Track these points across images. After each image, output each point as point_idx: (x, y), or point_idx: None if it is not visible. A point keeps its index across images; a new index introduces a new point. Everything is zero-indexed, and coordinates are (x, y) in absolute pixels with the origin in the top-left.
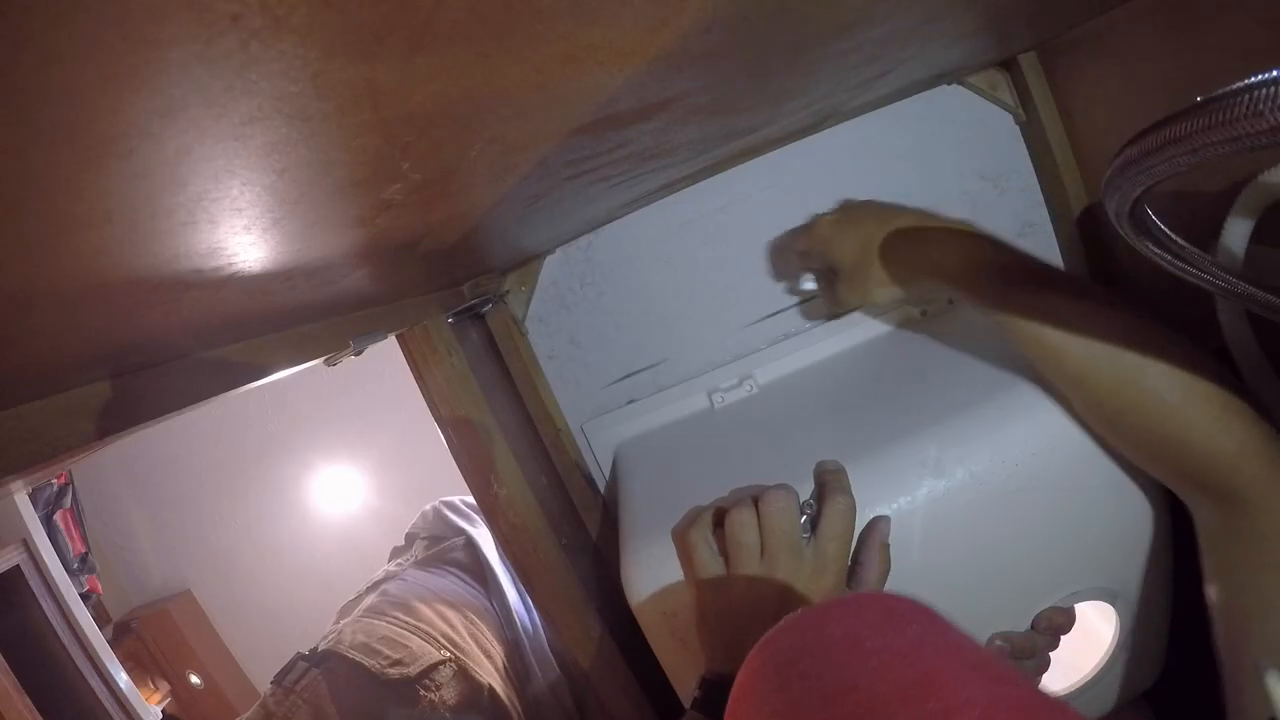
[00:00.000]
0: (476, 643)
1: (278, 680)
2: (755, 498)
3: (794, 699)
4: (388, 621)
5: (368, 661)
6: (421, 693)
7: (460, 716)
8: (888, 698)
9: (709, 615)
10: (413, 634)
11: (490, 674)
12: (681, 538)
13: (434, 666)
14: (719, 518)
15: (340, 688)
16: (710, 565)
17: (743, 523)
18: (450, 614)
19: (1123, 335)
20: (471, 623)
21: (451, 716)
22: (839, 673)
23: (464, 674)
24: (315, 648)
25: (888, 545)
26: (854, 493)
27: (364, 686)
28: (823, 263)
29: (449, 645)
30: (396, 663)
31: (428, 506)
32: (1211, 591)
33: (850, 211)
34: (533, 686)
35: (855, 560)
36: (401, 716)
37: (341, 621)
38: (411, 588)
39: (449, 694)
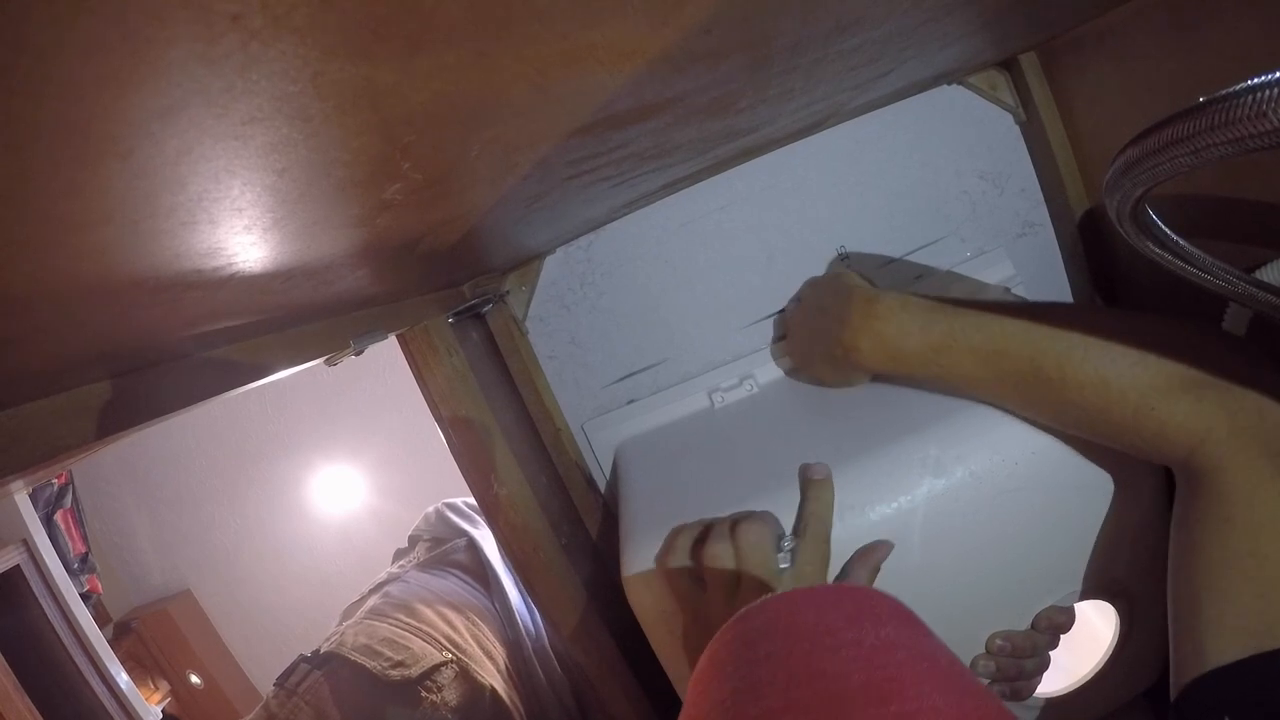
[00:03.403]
0: (478, 644)
1: (280, 682)
2: (734, 524)
3: (757, 678)
4: (389, 623)
5: (369, 663)
6: (423, 694)
7: (462, 717)
8: (850, 693)
9: (690, 639)
10: (414, 635)
11: (492, 675)
12: (662, 566)
13: (436, 668)
14: (704, 535)
15: (342, 689)
16: (690, 593)
17: (716, 555)
18: (452, 615)
19: (1104, 331)
20: (473, 624)
21: (453, 718)
22: (805, 659)
23: (466, 675)
24: (317, 649)
25: (879, 570)
26: (855, 491)
27: (366, 688)
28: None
29: (451, 647)
30: (398, 664)
31: (430, 508)
32: (1171, 546)
33: (796, 339)
34: (535, 686)
35: (844, 574)
36: (402, 717)
37: (344, 623)
38: (413, 589)
39: (450, 695)
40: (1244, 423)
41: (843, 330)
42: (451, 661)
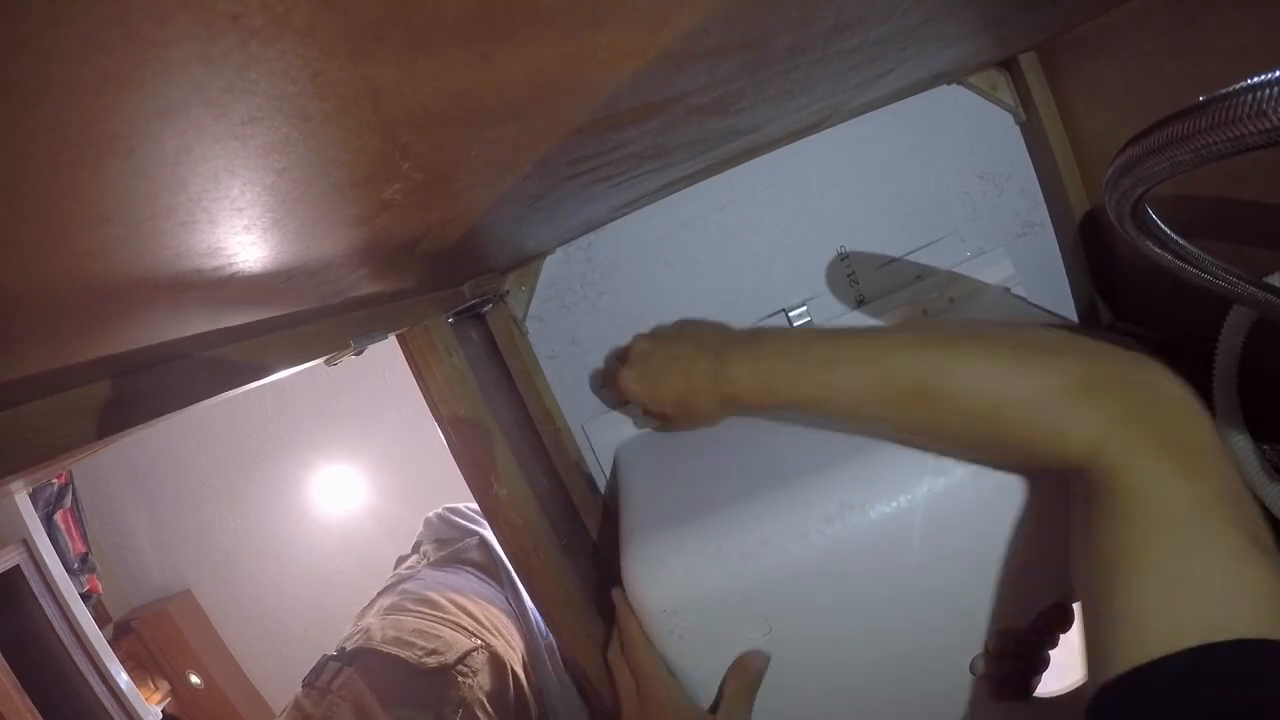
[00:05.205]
0: (499, 633)
1: (309, 681)
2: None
3: None
4: (414, 616)
5: (404, 654)
6: (459, 679)
7: (494, 701)
8: None
9: None
10: (442, 625)
11: (515, 661)
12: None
13: (469, 653)
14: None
15: (378, 682)
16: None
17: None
18: (471, 607)
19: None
20: (492, 616)
21: (486, 702)
22: None
23: (496, 659)
24: (343, 648)
25: (759, 684)
26: (855, 490)
27: (403, 678)
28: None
29: (478, 633)
30: (432, 652)
31: (431, 514)
32: (1071, 555)
33: (650, 363)
34: (547, 681)
35: (720, 696)
36: (441, 702)
37: (365, 620)
38: (430, 585)
39: (484, 679)
40: (1135, 420)
41: (715, 360)
42: (482, 647)
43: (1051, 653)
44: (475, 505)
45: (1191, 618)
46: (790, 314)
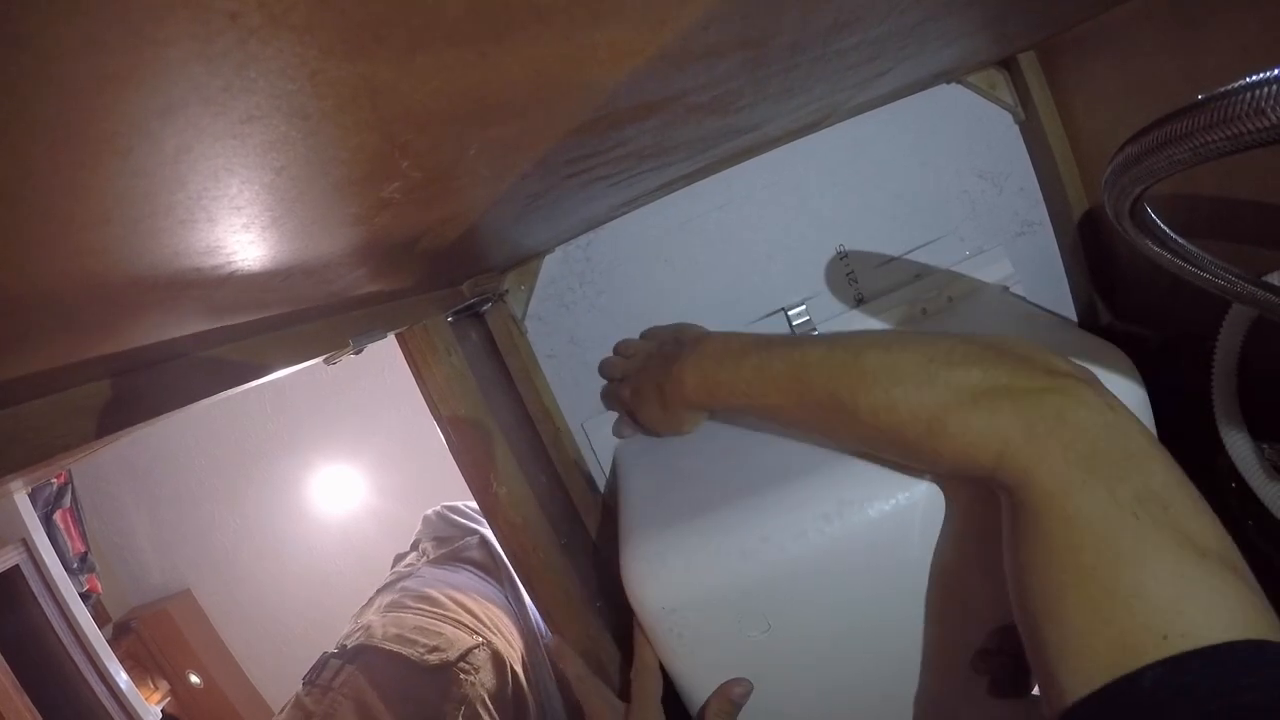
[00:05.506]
0: (499, 631)
1: (310, 679)
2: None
3: None
4: (415, 613)
5: (406, 651)
6: (461, 676)
7: (495, 698)
8: None
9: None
10: (443, 622)
11: (514, 660)
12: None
13: (470, 650)
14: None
15: (379, 679)
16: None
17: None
18: (471, 605)
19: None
20: (492, 614)
21: (488, 698)
22: None
23: (497, 656)
24: (344, 645)
25: (738, 709)
26: (854, 488)
27: (405, 675)
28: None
29: (478, 631)
30: (434, 649)
31: (429, 512)
32: (1006, 571)
33: (640, 380)
34: (545, 680)
35: (705, 707)
36: (444, 699)
37: (365, 617)
38: (429, 582)
39: (486, 677)
40: (1043, 429)
41: (672, 364)
42: (483, 644)
43: None
44: (474, 504)
45: (1135, 630)
46: (789, 313)
